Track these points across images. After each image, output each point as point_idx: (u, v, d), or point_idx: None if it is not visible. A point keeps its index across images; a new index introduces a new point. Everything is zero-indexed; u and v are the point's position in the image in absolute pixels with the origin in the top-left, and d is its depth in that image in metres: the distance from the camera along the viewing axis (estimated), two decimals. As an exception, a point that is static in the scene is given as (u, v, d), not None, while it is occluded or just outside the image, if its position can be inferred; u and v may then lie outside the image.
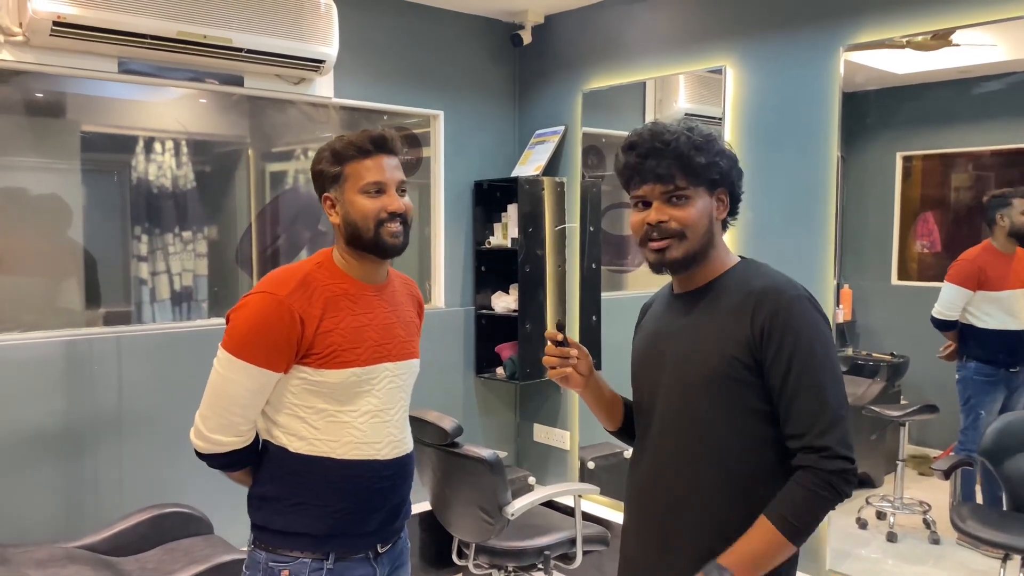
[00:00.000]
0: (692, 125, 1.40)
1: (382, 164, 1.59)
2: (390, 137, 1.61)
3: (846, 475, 1.30)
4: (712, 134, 1.41)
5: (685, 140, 1.36)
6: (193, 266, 3.10)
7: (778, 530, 1.30)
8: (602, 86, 3.44)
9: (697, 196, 1.39)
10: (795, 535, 1.30)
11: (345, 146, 1.59)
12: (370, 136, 1.59)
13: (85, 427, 2.66)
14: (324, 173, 1.62)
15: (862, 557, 2.87)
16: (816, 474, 1.30)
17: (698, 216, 1.38)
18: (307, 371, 1.55)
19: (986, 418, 2.75)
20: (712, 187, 1.41)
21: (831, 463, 1.29)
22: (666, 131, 1.38)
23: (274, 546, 1.60)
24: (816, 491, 1.30)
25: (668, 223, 1.38)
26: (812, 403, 1.31)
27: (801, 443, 1.32)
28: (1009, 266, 2.71)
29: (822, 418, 1.31)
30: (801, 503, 1.30)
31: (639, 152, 1.38)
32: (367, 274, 1.65)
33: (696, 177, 1.38)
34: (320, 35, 2.88)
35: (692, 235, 1.38)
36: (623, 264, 3.74)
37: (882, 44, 2.60)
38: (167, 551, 2.48)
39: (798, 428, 1.32)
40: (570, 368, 1.50)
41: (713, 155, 1.39)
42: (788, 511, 1.30)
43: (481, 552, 2.56)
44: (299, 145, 3.40)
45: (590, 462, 3.60)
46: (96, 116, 2.91)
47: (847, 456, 1.30)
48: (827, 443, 1.30)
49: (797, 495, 1.31)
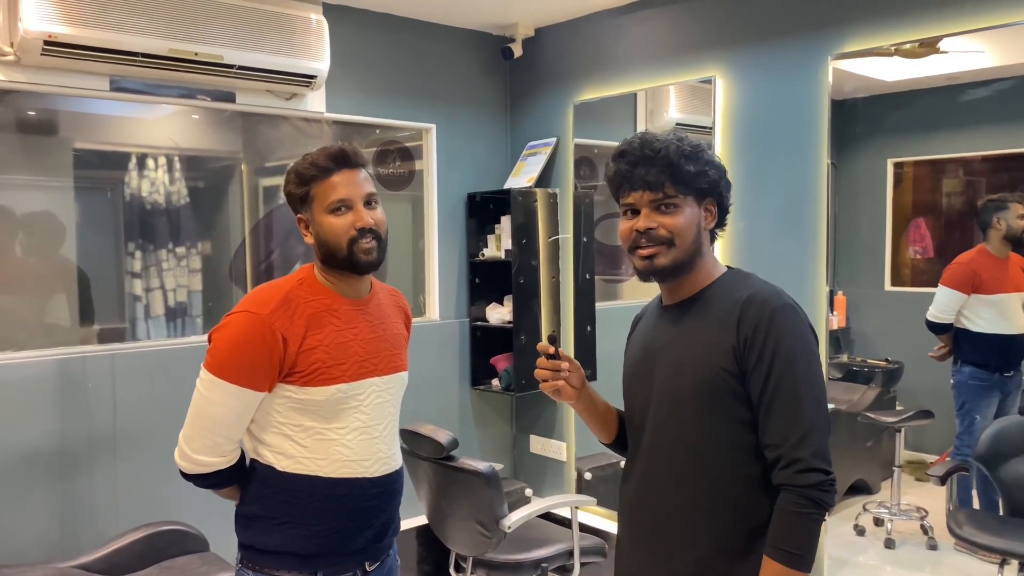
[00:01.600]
0: (682, 136, 1.42)
1: (346, 179, 1.57)
2: (351, 151, 1.59)
3: (823, 486, 1.29)
4: (701, 144, 1.42)
5: (675, 149, 1.38)
6: (187, 282, 3.10)
7: (784, 565, 1.30)
8: (593, 97, 3.46)
9: (686, 204, 1.40)
10: (800, 563, 1.30)
11: (307, 166, 1.58)
12: (329, 153, 1.57)
13: (80, 445, 2.65)
14: (292, 195, 1.61)
15: (860, 564, 2.86)
16: (795, 492, 1.30)
17: (686, 224, 1.39)
18: (292, 389, 1.54)
19: (981, 422, 2.75)
20: (700, 196, 1.42)
21: (805, 477, 1.29)
22: (656, 140, 1.39)
23: (262, 565, 1.58)
24: (801, 511, 1.30)
25: (657, 230, 1.39)
26: (788, 413, 1.31)
27: (775, 453, 1.32)
28: (1003, 270, 2.72)
29: (796, 429, 1.30)
30: (792, 529, 1.30)
31: (629, 160, 1.40)
32: (348, 289, 1.63)
33: (685, 185, 1.39)
34: (311, 51, 2.89)
35: (680, 243, 1.39)
36: (617, 274, 3.75)
37: (870, 52, 2.62)
38: (163, 569, 2.47)
39: (773, 438, 1.32)
40: (562, 381, 1.50)
41: (702, 164, 1.40)
42: (784, 542, 1.30)
43: (478, 566, 2.55)
44: (292, 160, 3.38)
45: (587, 473, 3.59)
46: (88, 133, 2.91)
47: (821, 468, 1.29)
48: (800, 455, 1.29)
49: (786, 522, 1.31)
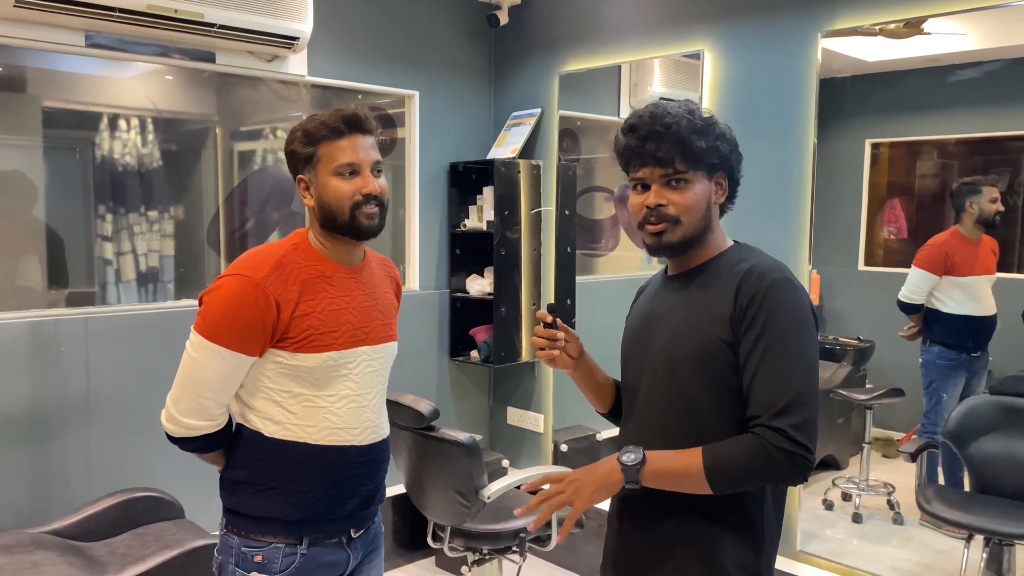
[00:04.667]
0: (693, 108, 1.39)
1: (356, 144, 1.55)
2: (364, 116, 1.57)
3: (792, 457, 1.25)
4: (712, 117, 1.40)
5: (686, 124, 1.36)
6: (159, 246, 3.03)
7: (702, 467, 1.28)
8: (580, 68, 3.43)
9: (696, 180, 1.38)
10: (714, 481, 1.28)
11: (317, 126, 1.55)
12: (343, 115, 1.55)
13: (52, 410, 2.60)
14: (297, 154, 1.58)
15: (828, 537, 2.93)
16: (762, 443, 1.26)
17: (696, 201, 1.38)
18: (283, 355, 1.53)
19: (948, 401, 2.81)
20: (711, 171, 1.40)
21: (781, 441, 1.25)
22: (667, 114, 1.37)
23: (247, 531, 1.58)
24: (756, 455, 1.26)
25: (666, 207, 1.38)
26: (773, 384, 1.28)
27: (756, 423, 1.29)
28: (975, 253, 2.76)
29: (780, 399, 1.26)
30: (735, 457, 1.28)
31: (639, 134, 1.38)
32: (343, 256, 1.62)
33: (696, 161, 1.37)
34: (294, 11, 2.82)
35: (688, 220, 1.38)
36: (595, 248, 3.75)
37: (859, 31, 2.63)
38: (137, 536, 2.44)
39: (755, 409, 1.29)
40: (558, 351, 1.50)
41: (713, 139, 1.38)
42: (721, 456, 1.29)
43: (456, 535, 2.56)
44: (268, 124, 3.33)
45: (563, 445, 3.62)
46: (58, 92, 2.82)
47: (799, 441, 1.24)
48: (781, 424, 1.25)
49: (736, 448, 1.28)
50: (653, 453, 1.33)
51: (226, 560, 1.59)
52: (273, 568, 1.56)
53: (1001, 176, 2.65)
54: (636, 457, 1.31)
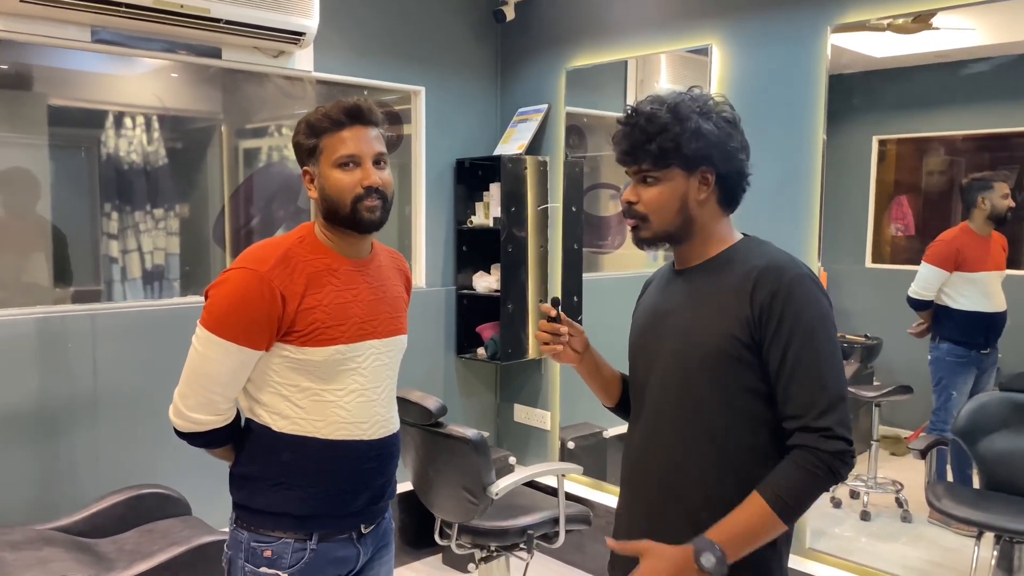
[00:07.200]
0: (677, 100, 1.37)
1: (358, 136, 1.54)
2: (366, 107, 1.56)
3: (844, 456, 1.29)
4: (691, 114, 1.35)
5: (644, 121, 1.35)
6: (165, 244, 3.03)
7: (770, 507, 1.29)
8: (587, 64, 3.41)
9: (667, 177, 1.37)
10: (787, 514, 1.30)
11: (319, 118, 1.54)
12: (344, 107, 1.54)
13: (59, 407, 2.60)
14: (301, 146, 1.57)
15: (837, 535, 2.92)
16: (814, 454, 1.29)
17: (664, 199, 1.37)
18: (289, 349, 1.52)
19: (957, 398, 2.80)
20: (689, 167, 1.37)
21: (831, 444, 1.28)
22: (634, 112, 1.38)
23: (256, 526, 1.57)
24: (813, 471, 1.29)
25: (636, 205, 1.40)
26: (811, 384, 1.30)
27: (799, 423, 1.31)
28: (985, 248, 2.74)
29: (821, 399, 1.29)
30: (796, 482, 1.30)
31: (623, 131, 1.40)
32: (349, 249, 1.61)
33: (660, 159, 1.36)
34: (300, 7, 2.81)
35: (657, 218, 1.39)
36: (602, 245, 3.74)
37: (867, 26, 2.61)
38: (144, 532, 2.43)
39: (796, 409, 1.31)
40: (561, 346, 1.49)
41: (685, 135, 1.34)
42: (782, 489, 1.29)
43: (464, 532, 2.55)
44: (274, 121, 3.33)
45: (570, 442, 3.61)
46: (64, 89, 2.82)
47: (846, 437, 1.29)
48: (826, 424, 1.28)
49: (793, 474, 1.30)
50: (719, 532, 1.30)
51: (235, 555, 1.58)
52: (283, 563, 1.55)
53: (1011, 172, 2.63)
54: (713, 556, 1.27)
